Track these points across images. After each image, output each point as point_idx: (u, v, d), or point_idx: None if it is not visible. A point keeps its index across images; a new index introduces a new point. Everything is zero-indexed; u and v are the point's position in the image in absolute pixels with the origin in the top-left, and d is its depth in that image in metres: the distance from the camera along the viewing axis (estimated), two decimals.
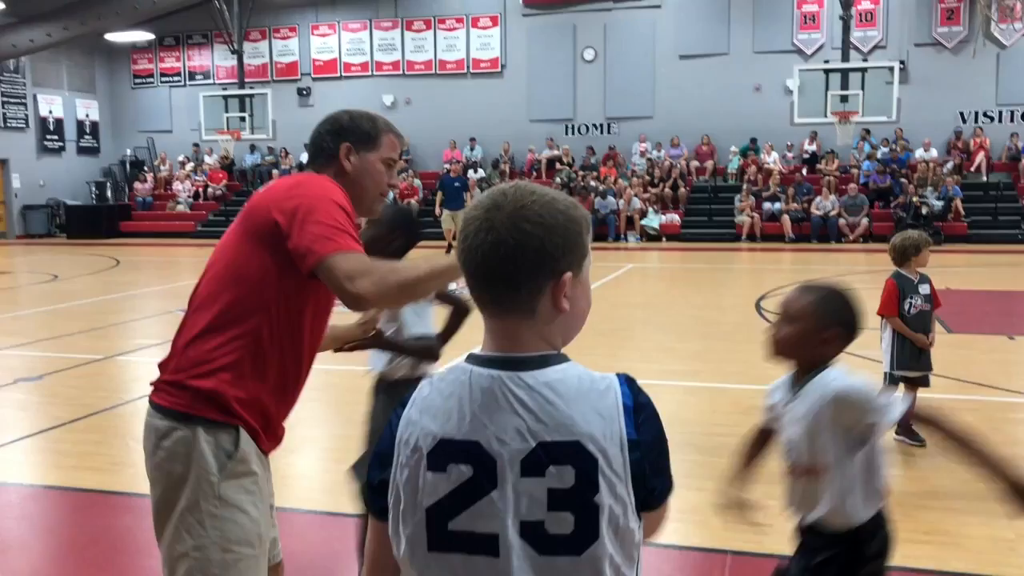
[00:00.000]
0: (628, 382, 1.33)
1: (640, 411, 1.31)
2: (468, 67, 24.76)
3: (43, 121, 25.77)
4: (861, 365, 7.01)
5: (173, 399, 2.18)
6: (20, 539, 4.24)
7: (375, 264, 2.09)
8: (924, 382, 5.40)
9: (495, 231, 1.28)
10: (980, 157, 21.05)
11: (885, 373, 5.41)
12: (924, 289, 5.31)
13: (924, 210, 19.37)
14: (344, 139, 2.35)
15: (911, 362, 5.30)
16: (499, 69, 24.55)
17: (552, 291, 1.30)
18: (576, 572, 1.26)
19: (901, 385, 5.37)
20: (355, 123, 2.38)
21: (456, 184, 20.01)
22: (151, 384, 2.27)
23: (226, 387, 2.15)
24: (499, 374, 1.30)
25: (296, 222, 2.10)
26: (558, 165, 22.88)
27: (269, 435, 2.27)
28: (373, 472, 1.38)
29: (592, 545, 1.26)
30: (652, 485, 1.31)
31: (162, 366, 2.27)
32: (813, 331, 2.34)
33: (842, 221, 19.91)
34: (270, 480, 2.32)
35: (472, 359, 1.34)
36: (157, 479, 2.21)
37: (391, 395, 3.31)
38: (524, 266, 1.28)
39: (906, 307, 5.26)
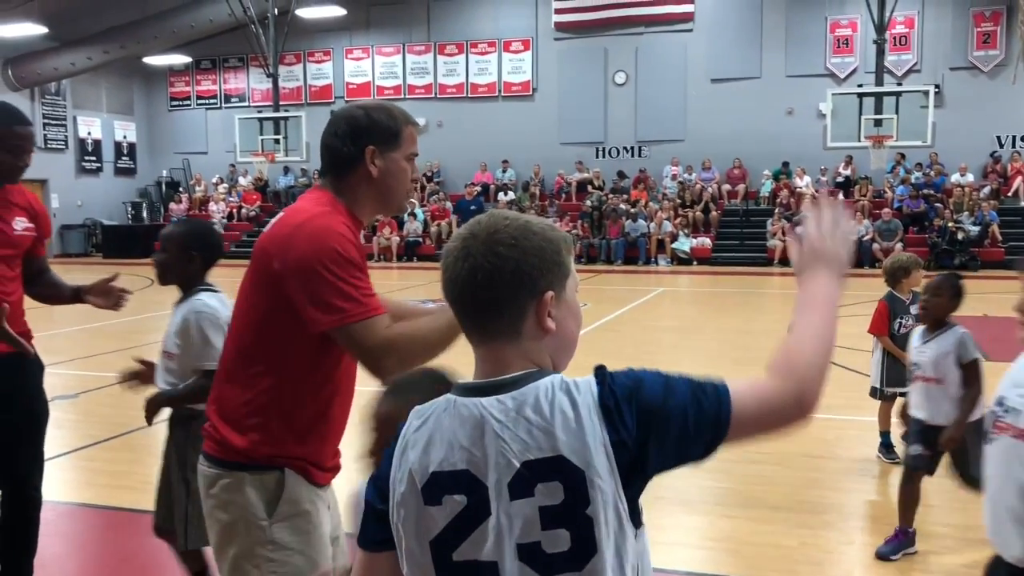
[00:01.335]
0: (601, 380, 1.29)
1: (620, 407, 1.26)
2: (500, 90, 24.91)
3: (82, 142, 26.24)
4: (853, 380, 6.91)
5: (215, 447, 2.15)
6: (54, 556, 4.28)
7: (395, 336, 1.99)
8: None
9: (472, 258, 1.31)
10: (1018, 182, 20.77)
11: (874, 388, 5.62)
12: (915, 309, 5.40)
13: (960, 235, 19.12)
14: (367, 141, 2.12)
15: (900, 379, 5.38)
16: (530, 92, 24.67)
17: (536, 311, 1.31)
18: None
19: (899, 400, 5.48)
20: (374, 120, 2.14)
21: (472, 207, 20.16)
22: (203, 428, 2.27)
23: (257, 446, 2.10)
24: (479, 400, 1.30)
25: (300, 283, 1.98)
26: (589, 188, 22.89)
27: (318, 469, 2.19)
28: (369, 509, 1.38)
29: (592, 559, 1.25)
30: (665, 462, 1.29)
31: (207, 409, 2.25)
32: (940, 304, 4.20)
33: (876, 246, 19.70)
34: (333, 510, 2.27)
35: (456, 389, 1.35)
36: (211, 525, 2.20)
37: (187, 430, 3.07)
38: (503, 289, 1.30)
39: (896, 327, 5.48)
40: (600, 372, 1.31)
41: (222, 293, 3.23)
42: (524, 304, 1.31)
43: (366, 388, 2.08)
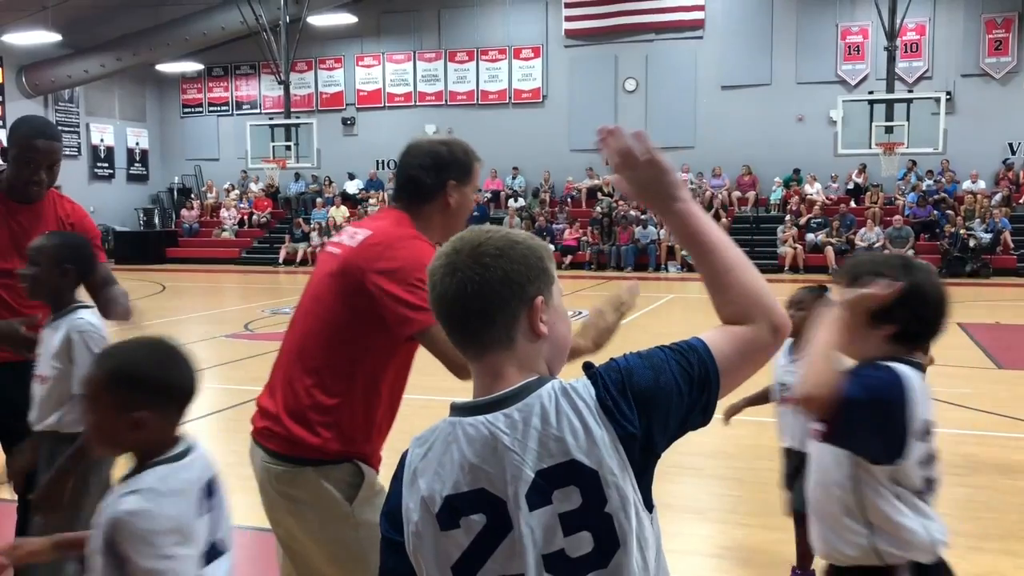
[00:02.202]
0: (595, 379, 1.32)
1: (618, 401, 1.29)
2: (510, 97, 24.95)
3: (95, 149, 26.41)
4: None
5: (285, 445, 2.29)
6: None
7: None
8: None
9: (459, 272, 1.32)
10: None
11: None
12: None
13: (972, 243, 19.04)
14: (448, 175, 2.33)
15: None
16: (540, 100, 24.71)
17: (528, 317, 1.33)
18: None
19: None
20: (455, 156, 2.36)
21: (475, 213, 20.13)
22: (259, 425, 2.38)
23: (329, 443, 2.26)
24: (485, 418, 1.30)
25: (393, 288, 2.16)
26: (599, 195, 22.91)
27: (376, 461, 2.41)
28: (385, 542, 1.38)
29: (616, 554, 1.27)
30: (671, 437, 1.33)
31: (264, 408, 2.37)
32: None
33: (887, 253, 19.62)
34: None
35: (456, 410, 1.35)
36: (284, 519, 2.33)
37: (56, 453, 2.80)
38: (493, 298, 1.31)
39: None
40: (592, 372, 1.34)
41: (95, 308, 3.08)
42: (516, 311, 1.33)
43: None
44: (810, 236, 20.54)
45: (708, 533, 4.60)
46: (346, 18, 24.40)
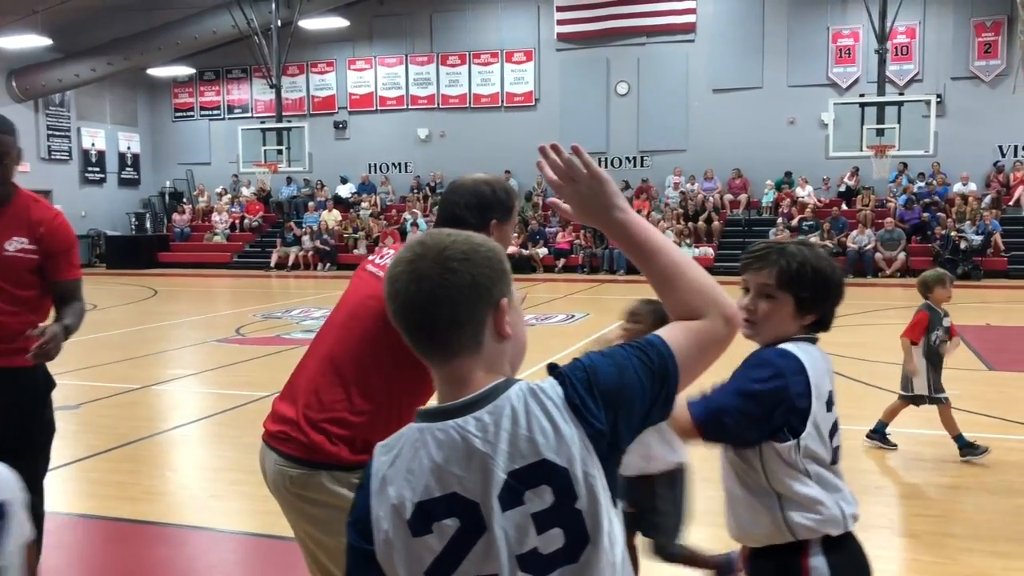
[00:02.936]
0: (560, 379, 1.34)
1: (584, 399, 1.31)
2: (502, 101, 24.97)
3: (86, 153, 26.32)
4: (850, 388, 6.90)
5: (301, 450, 2.34)
6: (55, 568, 4.27)
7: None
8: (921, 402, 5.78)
9: (426, 278, 1.32)
10: (1020, 191, 20.77)
11: (919, 396, 5.70)
12: (947, 322, 5.69)
13: (962, 245, 19.11)
14: (492, 215, 2.43)
15: (940, 384, 5.68)
16: (533, 103, 24.73)
17: (494, 320, 1.34)
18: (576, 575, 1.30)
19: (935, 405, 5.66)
20: (498, 197, 2.46)
21: None
22: (273, 429, 2.41)
23: (345, 451, 2.31)
24: (455, 422, 1.31)
25: None
26: None
27: None
28: (356, 552, 1.37)
29: (586, 549, 1.29)
30: (634, 432, 1.35)
31: (282, 413, 2.41)
32: None
33: (878, 255, 19.69)
34: None
35: (422, 416, 1.35)
36: (299, 521, 2.38)
37: None
38: (462, 303, 1.32)
39: (932, 338, 5.63)
40: (557, 372, 1.35)
41: None
42: (483, 315, 1.33)
43: None
44: (801, 239, 20.55)
45: (699, 537, 4.59)
46: (337, 22, 24.39)
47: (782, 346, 2.11)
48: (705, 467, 5.50)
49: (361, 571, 1.37)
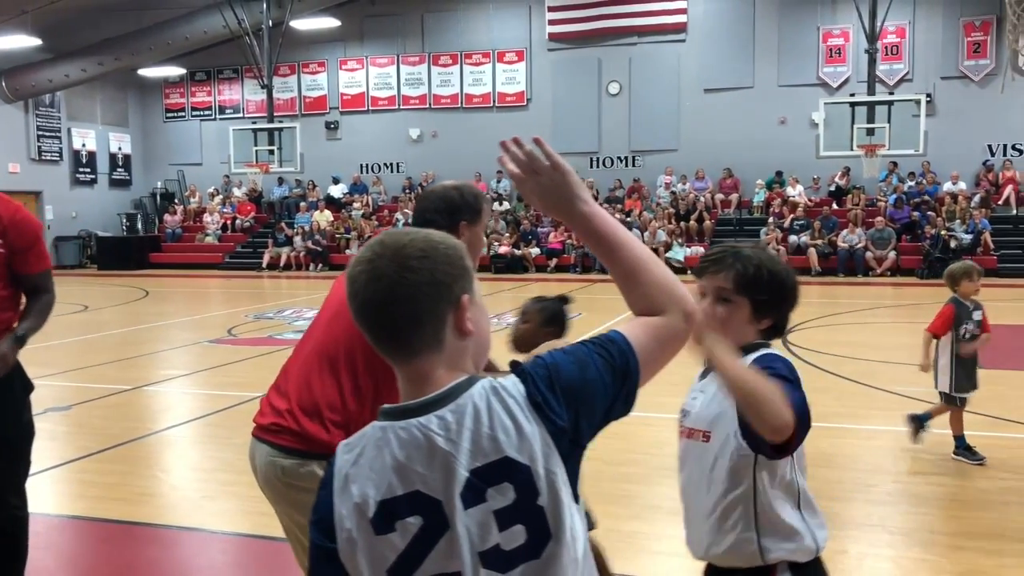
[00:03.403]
0: (522, 376, 1.34)
1: (546, 397, 1.32)
2: (494, 101, 24.97)
3: (76, 154, 26.22)
4: (848, 388, 6.92)
5: (294, 440, 2.42)
6: (46, 569, 4.25)
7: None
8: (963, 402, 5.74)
9: (386, 277, 1.31)
10: (1009, 190, 20.87)
11: (942, 393, 5.68)
12: (977, 316, 5.67)
13: (952, 243, 19.18)
14: (460, 217, 2.56)
15: (970, 382, 5.66)
16: (524, 103, 24.74)
17: (455, 317, 1.34)
18: (539, 572, 1.30)
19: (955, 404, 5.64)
20: (466, 200, 2.60)
21: None
22: (264, 422, 2.47)
23: (338, 439, 2.34)
24: (417, 421, 1.31)
25: None
26: None
27: None
28: (318, 551, 1.36)
29: (548, 545, 1.29)
30: (595, 429, 1.36)
31: (274, 406, 2.48)
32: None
33: (869, 254, 19.76)
34: None
35: (385, 415, 1.35)
36: (290, 510, 2.44)
37: None
38: (423, 300, 1.31)
39: (961, 332, 5.61)
40: (519, 370, 1.35)
41: None
42: (444, 313, 1.33)
43: None
44: (793, 238, 20.63)
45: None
46: (329, 22, 24.35)
47: (764, 352, 2.05)
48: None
49: (324, 570, 1.36)
